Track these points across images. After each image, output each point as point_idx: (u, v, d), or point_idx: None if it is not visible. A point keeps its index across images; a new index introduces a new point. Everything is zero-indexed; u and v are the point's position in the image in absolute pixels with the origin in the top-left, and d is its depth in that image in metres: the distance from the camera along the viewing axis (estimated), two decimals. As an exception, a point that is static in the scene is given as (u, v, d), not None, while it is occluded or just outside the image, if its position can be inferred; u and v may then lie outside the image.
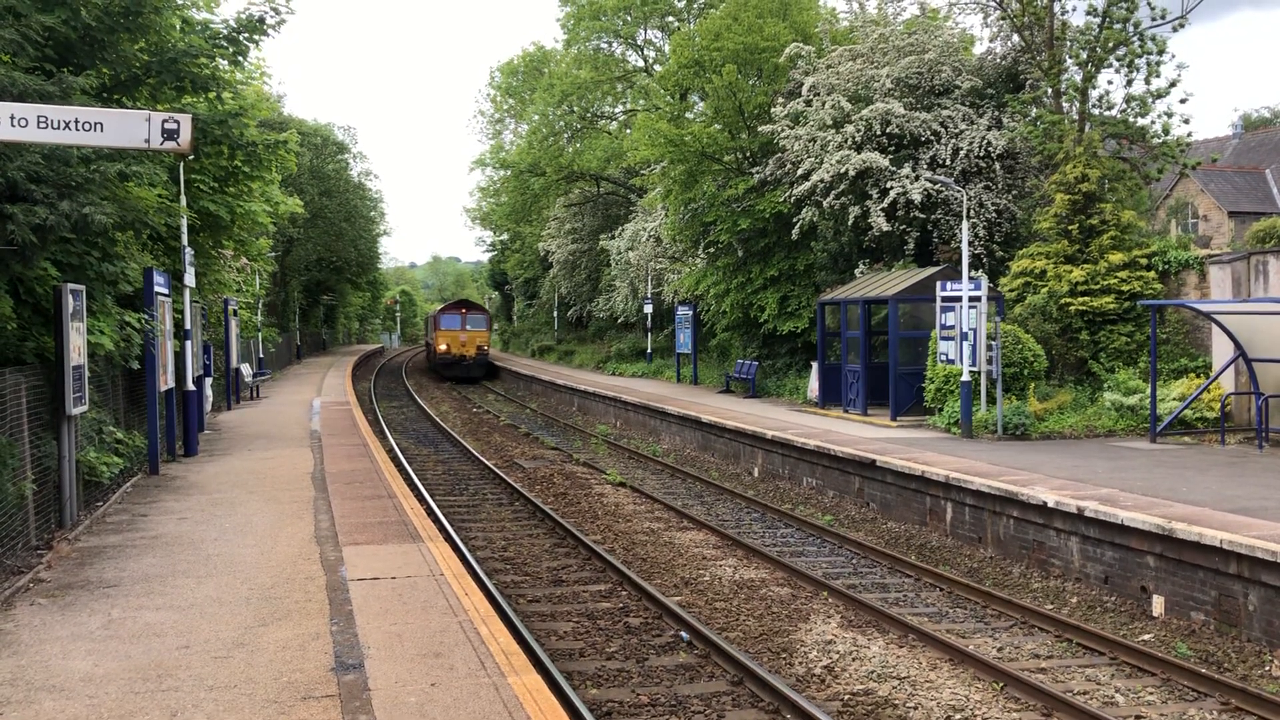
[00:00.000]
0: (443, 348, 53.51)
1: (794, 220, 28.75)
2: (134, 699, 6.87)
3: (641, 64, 51.49)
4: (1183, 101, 27.16)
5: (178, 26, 16.33)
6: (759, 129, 30.31)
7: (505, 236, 74.32)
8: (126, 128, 9.94)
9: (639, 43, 51.66)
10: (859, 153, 26.86)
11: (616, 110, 53.44)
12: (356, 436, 22.06)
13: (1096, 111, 26.27)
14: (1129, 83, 25.57)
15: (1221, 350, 20.95)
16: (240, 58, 17.55)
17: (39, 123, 9.72)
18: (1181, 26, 25.30)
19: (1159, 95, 25.31)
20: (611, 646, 10.56)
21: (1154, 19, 25.22)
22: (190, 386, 19.30)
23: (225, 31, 16.77)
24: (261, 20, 16.89)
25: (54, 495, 12.34)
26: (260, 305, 41.89)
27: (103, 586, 9.67)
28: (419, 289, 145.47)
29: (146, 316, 15.78)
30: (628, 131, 47.75)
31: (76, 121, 9.79)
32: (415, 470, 21.49)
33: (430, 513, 16.47)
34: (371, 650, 7.84)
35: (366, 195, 66.99)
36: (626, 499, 18.87)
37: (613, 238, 46.17)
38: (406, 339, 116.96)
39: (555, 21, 78.16)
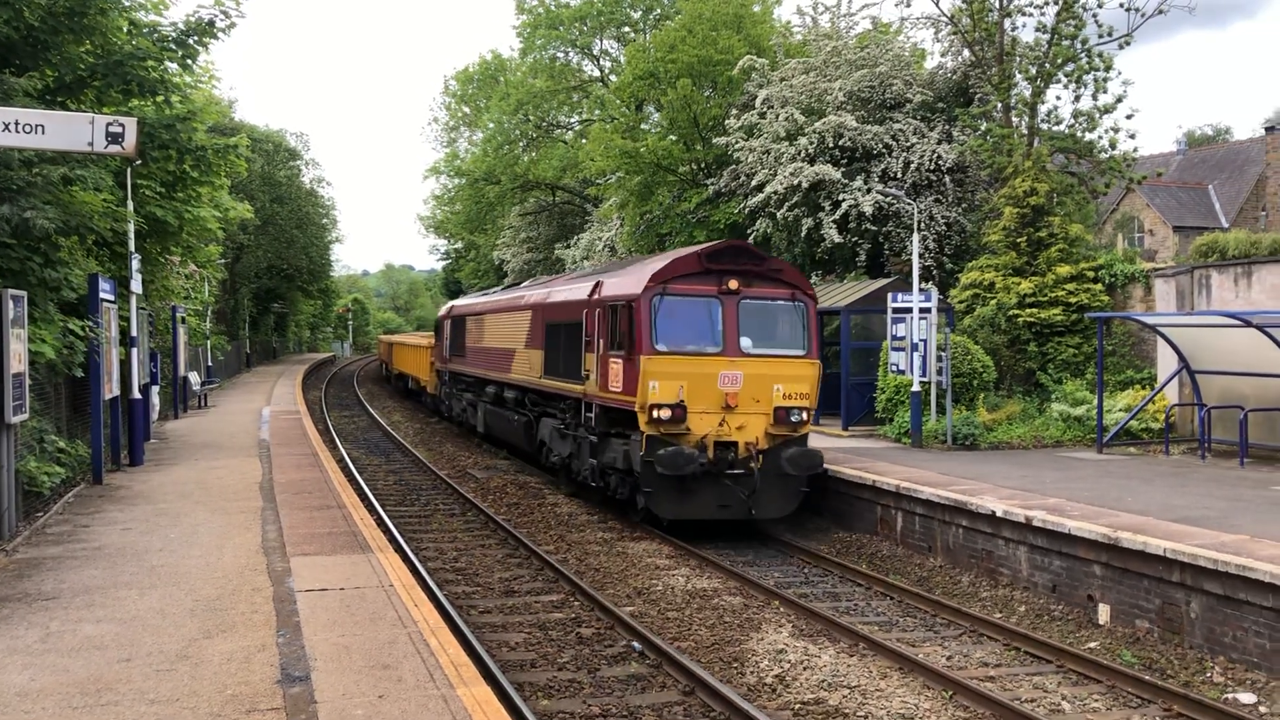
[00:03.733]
0: (661, 412, 15.15)
1: (748, 232, 28.91)
2: (71, 714, 6.71)
3: (597, 74, 51.54)
4: (1129, 117, 27.96)
5: (125, 28, 16.08)
6: (713, 141, 30.48)
7: (460, 245, 73.96)
8: (69, 130, 9.78)
9: (595, 53, 51.71)
10: (812, 165, 27.08)
11: (572, 120, 53.41)
12: (306, 446, 21.79)
13: (1045, 126, 26.72)
14: (1077, 98, 26.06)
15: (1166, 362, 21.33)
16: (189, 61, 17.32)
17: (-22, 124, 9.53)
18: (1127, 44, 25.82)
19: (1106, 111, 25.80)
20: (563, 657, 10.50)
21: (1101, 36, 25.71)
22: (136, 395, 18.96)
23: (174, 34, 16.55)
24: (211, 23, 16.70)
25: (-8, 505, 12.05)
26: (209, 313, 41.30)
27: (41, 599, 9.45)
28: (371, 297, 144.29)
29: (91, 324, 15.50)
30: (584, 141, 47.76)
31: (16, 123, 9.63)
32: (366, 480, 21.27)
33: (381, 523, 16.30)
34: (318, 662, 7.72)
35: (319, 202, 66.34)
36: (580, 509, 18.80)
37: (568, 247, 46.13)
38: (359, 348, 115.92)
39: (511, 29, 78.14)
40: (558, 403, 19.73)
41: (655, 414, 15.11)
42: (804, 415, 15.87)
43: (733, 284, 15.71)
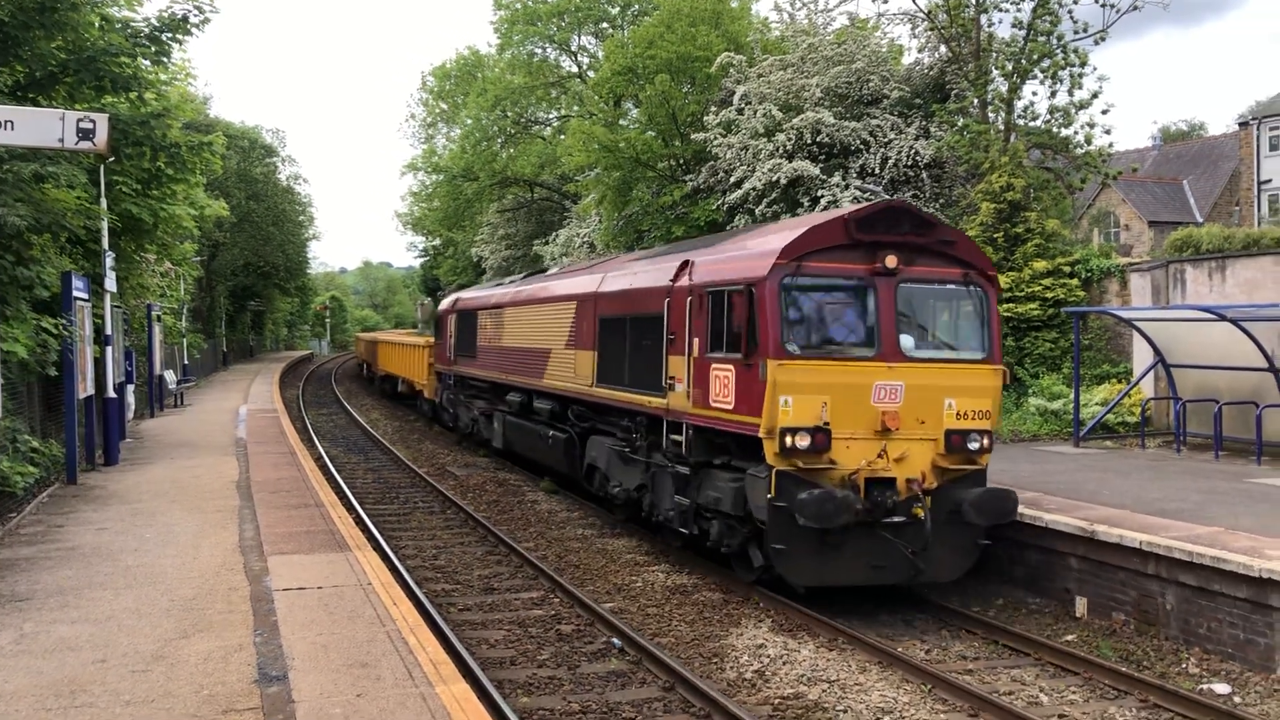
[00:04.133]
0: (798, 438, 11.38)
1: (728, 228, 28.91)
2: (45, 715, 6.65)
3: (575, 70, 51.44)
4: (1104, 113, 28.04)
5: (97, 24, 15.94)
6: (692, 137, 30.47)
7: (437, 242, 73.69)
8: (39, 126, 9.69)
9: (573, 49, 51.62)
10: (790, 161, 27.11)
11: (551, 116, 53.28)
12: (284, 444, 21.69)
13: (1021, 122, 26.85)
14: (1053, 94, 26.20)
15: (1142, 356, 21.48)
16: (163, 57, 17.23)
17: (-55, 120, 9.43)
18: (1102, 40, 25.98)
19: (1082, 106, 25.94)
20: (543, 654, 10.48)
21: (1076, 32, 25.85)
22: (111, 393, 18.83)
23: (147, 30, 16.44)
24: (185, 19, 16.60)
25: (-36, 506, 11.94)
26: (185, 311, 41.05)
27: (14, 600, 9.36)
28: (349, 295, 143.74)
29: (64, 322, 15.37)
30: (562, 137, 47.65)
31: (-13, 119, 9.51)
32: (344, 478, 21.17)
33: (359, 521, 16.23)
34: (296, 661, 7.68)
35: (295, 199, 66.12)
36: (559, 506, 18.78)
37: (546, 243, 45.99)
38: (336, 345, 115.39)
39: (489, 25, 77.92)
40: (619, 419, 15.86)
41: (790, 441, 11.20)
42: (984, 441, 11.91)
43: (890, 260, 11.70)
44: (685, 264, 13.58)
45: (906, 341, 11.85)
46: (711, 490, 12.69)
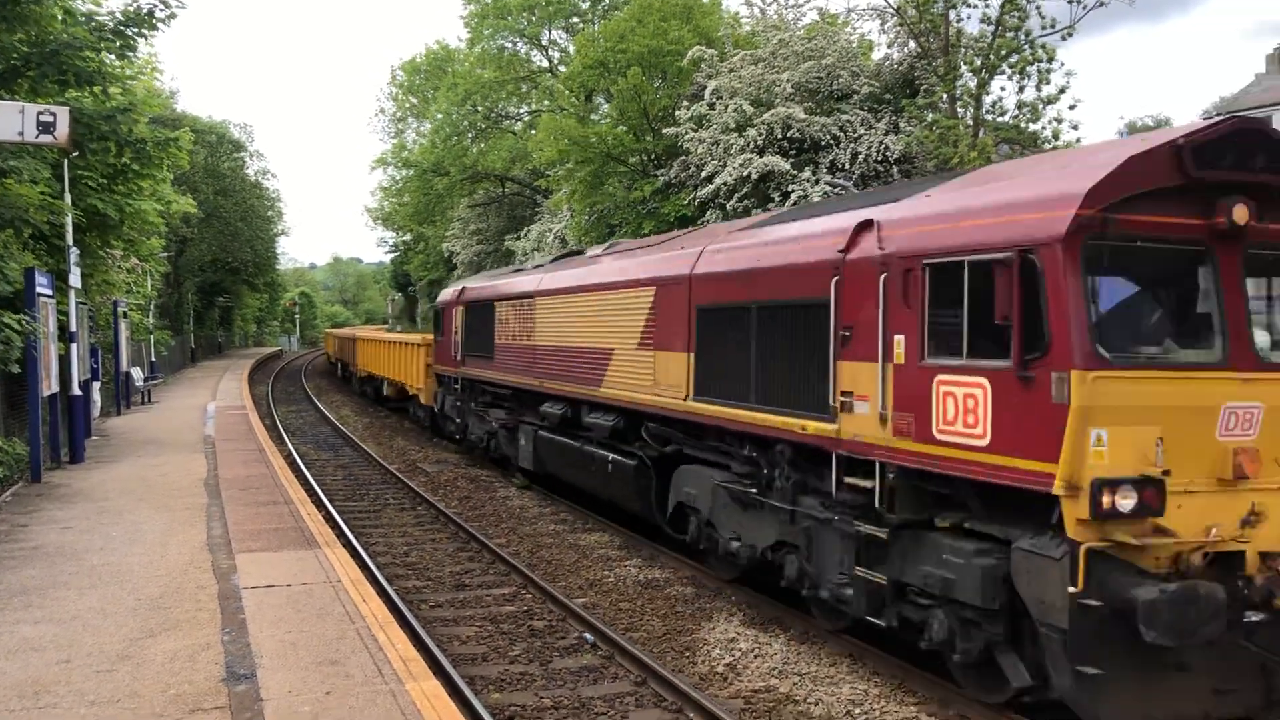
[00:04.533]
0: (1120, 496, 7.11)
1: (699, 223, 28.94)
2: (8, 716, 6.57)
3: (546, 64, 51.34)
4: (1071, 108, 28.17)
5: (59, 18, 15.76)
6: (663, 131, 30.48)
7: (408, 237, 73.45)
8: None
9: (544, 43, 51.53)
10: (761, 156, 27.16)
11: (521, 110, 53.17)
12: (253, 442, 21.53)
13: (990, 117, 26.99)
14: (1021, 89, 26.33)
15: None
16: (128, 52, 17.07)
17: (-96, 114, 9.28)
18: (1070, 36, 26.13)
19: (1049, 101, 26.11)
20: (515, 650, 10.46)
21: (1044, 28, 26.03)
22: (76, 391, 18.63)
23: (111, 24, 16.27)
24: (150, 13, 16.45)
25: (-74, 506, 11.78)
26: (152, 307, 40.67)
27: (-22, 600, 9.25)
28: (319, 290, 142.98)
29: (27, 318, 15.19)
30: (533, 132, 47.59)
31: (-55, 113, 9.37)
32: (314, 475, 21.03)
33: (329, 518, 16.13)
34: (264, 659, 7.63)
35: (264, 194, 65.71)
36: (531, 502, 18.75)
37: (518, 238, 45.90)
38: (306, 342, 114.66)
39: (459, 19, 77.57)
40: (734, 446, 11.74)
41: (1107, 501, 7.10)
42: None
43: (1239, 213, 7.44)
44: (865, 225, 9.36)
45: (1262, 340, 8.02)
46: (933, 566, 8.46)
